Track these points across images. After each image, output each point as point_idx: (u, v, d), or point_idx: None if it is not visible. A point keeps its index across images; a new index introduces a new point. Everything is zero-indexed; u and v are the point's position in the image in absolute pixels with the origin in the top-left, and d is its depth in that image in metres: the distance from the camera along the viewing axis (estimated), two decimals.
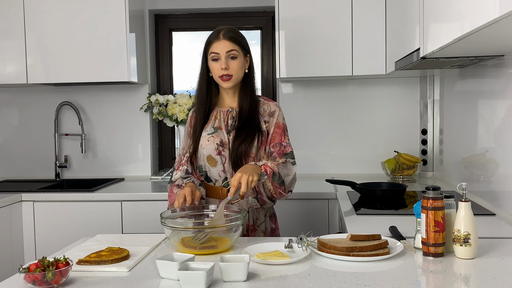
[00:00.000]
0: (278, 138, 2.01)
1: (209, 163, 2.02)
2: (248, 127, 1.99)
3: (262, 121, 2.03)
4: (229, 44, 1.97)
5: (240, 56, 1.99)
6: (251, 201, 2.00)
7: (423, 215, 1.53)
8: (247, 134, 1.97)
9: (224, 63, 1.96)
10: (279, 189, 1.94)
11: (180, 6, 3.53)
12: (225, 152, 2.00)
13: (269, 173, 1.88)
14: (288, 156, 1.99)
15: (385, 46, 2.97)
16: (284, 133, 2.04)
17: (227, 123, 2.03)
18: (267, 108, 2.05)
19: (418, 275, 1.43)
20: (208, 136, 2.02)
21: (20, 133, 3.62)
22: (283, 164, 1.96)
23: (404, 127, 3.35)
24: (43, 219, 2.97)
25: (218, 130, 2.02)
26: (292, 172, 1.98)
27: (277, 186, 1.93)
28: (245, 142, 1.96)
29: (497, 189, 2.16)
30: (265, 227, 2.07)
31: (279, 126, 2.03)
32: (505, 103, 2.06)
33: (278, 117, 2.04)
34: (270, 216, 2.11)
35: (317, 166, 3.41)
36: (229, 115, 2.04)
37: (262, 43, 3.59)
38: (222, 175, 2.01)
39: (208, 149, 2.01)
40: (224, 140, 2.01)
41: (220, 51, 1.96)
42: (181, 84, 3.72)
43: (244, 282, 1.35)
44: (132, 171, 3.55)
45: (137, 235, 1.90)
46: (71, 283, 1.38)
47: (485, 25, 1.30)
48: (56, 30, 3.20)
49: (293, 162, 2.00)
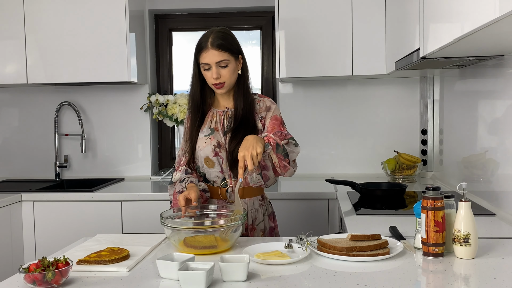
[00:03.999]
0: (277, 128, 1.99)
1: (207, 165, 2.02)
2: (244, 128, 1.98)
3: (258, 119, 2.02)
4: (218, 54, 1.92)
5: (231, 62, 1.96)
6: (255, 178, 1.93)
7: (423, 215, 1.53)
8: (243, 135, 1.95)
9: (215, 72, 1.93)
10: (283, 161, 1.87)
11: (180, 6, 3.53)
12: (222, 154, 1.99)
13: (273, 143, 1.85)
14: (290, 139, 1.93)
15: (385, 46, 2.97)
16: (282, 125, 2.03)
17: (223, 124, 2.03)
18: (263, 104, 2.05)
19: (418, 275, 1.43)
20: (205, 137, 2.02)
21: (20, 133, 3.62)
22: (286, 144, 1.90)
23: (404, 127, 3.35)
24: (43, 219, 2.97)
25: (215, 132, 2.02)
26: (296, 151, 1.93)
27: (281, 158, 1.87)
28: None
29: (497, 189, 2.16)
30: (264, 226, 2.06)
31: (276, 118, 2.02)
32: (505, 103, 2.06)
33: (275, 110, 2.04)
34: (269, 215, 2.11)
35: (317, 166, 3.41)
36: (225, 116, 2.04)
37: (262, 43, 3.59)
38: (221, 176, 2.01)
39: (205, 150, 2.00)
40: (221, 141, 2.00)
41: (210, 61, 1.93)
42: (181, 84, 3.72)
43: (244, 282, 1.35)
44: (132, 171, 3.55)
45: (137, 235, 1.90)
46: (71, 283, 1.38)
47: (485, 25, 1.30)
48: (56, 30, 3.20)
49: (295, 144, 1.94)
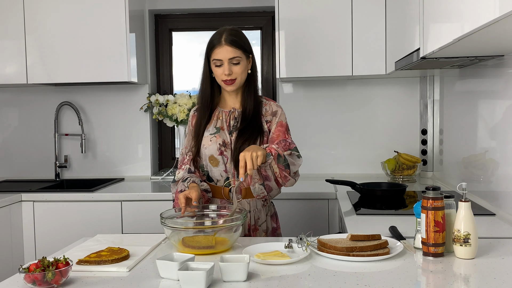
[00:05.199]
0: (282, 136, 2.00)
1: (211, 163, 2.02)
2: (251, 127, 1.99)
3: (264, 122, 2.03)
4: (231, 50, 1.94)
5: (243, 60, 1.98)
6: (258, 188, 1.93)
7: (423, 215, 1.53)
8: (250, 134, 1.97)
9: (227, 69, 1.95)
10: (284, 171, 1.89)
11: (180, 6, 3.53)
12: (227, 152, 2.00)
13: (274, 154, 1.86)
14: (293, 150, 1.96)
15: (385, 46, 2.97)
16: (287, 132, 2.04)
17: (229, 124, 2.03)
18: (269, 108, 2.06)
19: (418, 275, 1.43)
20: (211, 136, 2.02)
21: (20, 133, 3.62)
22: (289, 156, 1.92)
23: (404, 127, 3.35)
24: (43, 219, 2.97)
25: (221, 131, 2.02)
26: (298, 163, 1.95)
27: (282, 168, 1.88)
28: (248, 142, 1.95)
29: (497, 189, 2.16)
30: (266, 227, 2.07)
31: (282, 125, 2.03)
32: (505, 103, 2.06)
33: (281, 116, 2.05)
34: (272, 216, 2.11)
35: (317, 166, 3.41)
36: (231, 116, 2.05)
37: (262, 43, 3.59)
38: (224, 175, 2.01)
39: (210, 149, 2.01)
40: (226, 140, 2.01)
41: (223, 57, 1.95)
42: (181, 84, 3.72)
43: (244, 282, 1.35)
44: (132, 171, 3.55)
45: (137, 235, 1.90)
46: (71, 283, 1.38)
47: (485, 25, 1.30)
48: (56, 30, 3.20)
49: (298, 155, 1.96)
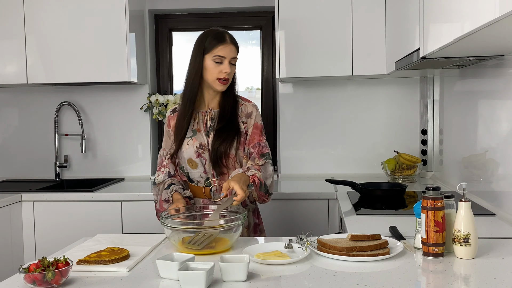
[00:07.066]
0: (257, 138, 2.04)
1: (190, 166, 2.04)
2: (229, 127, 2.01)
3: (241, 122, 2.04)
4: (235, 51, 2.01)
5: (236, 63, 2.04)
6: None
7: (423, 215, 1.53)
8: (228, 135, 1.99)
9: (228, 67, 1.97)
10: (263, 197, 2.00)
11: (180, 6, 3.53)
12: (204, 154, 2.01)
13: (257, 183, 1.92)
14: (266, 156, 2.02)
15: (385, 46, 2.96)
16: (262, 133, 2.06)
17: (206, 125, 2.04)
18: (245, 109, 2.07)
19: (418, 275, 1.43)
20: (188, 139, 2.03)
21: (20, 133, 3.62)
22: (263, 167, 1.99)
23: (404, 127, 3.35)
24: (43, 219, 2.97)
25: (197, 133, 2.03)
26: (271, 172, 2.02)
27: (262, 194, 1.98)
28: (225, 143, 1.98)
29: (497, 189, 2.16)
30: (248, 222, 2.08)
31: (257, 127, 2.05)
32: (505, 103, 2.06)
33: (256, 117, 2.07)
34: (253, 211, 2.13)
35: (317, 166, 3.41)
36: (207, 116, 2.05)
37: (262, 43, 3.59)
38: (204, 176, 2.04)
39: (188, 152, 2.02)
40: (203, 142, 2.01)
41: (226, 55, 1.97)
42: (181, 84, 3.70)
43: (244, 282, 1.35)
44: (132, 171, 3.55)
45: (137, 235, 1.90)
46: (71, 283, 1.38)
47: (485, 25, 1.30)
48: (56, 30, 3.20)
49: (271, 163, 2.04)
